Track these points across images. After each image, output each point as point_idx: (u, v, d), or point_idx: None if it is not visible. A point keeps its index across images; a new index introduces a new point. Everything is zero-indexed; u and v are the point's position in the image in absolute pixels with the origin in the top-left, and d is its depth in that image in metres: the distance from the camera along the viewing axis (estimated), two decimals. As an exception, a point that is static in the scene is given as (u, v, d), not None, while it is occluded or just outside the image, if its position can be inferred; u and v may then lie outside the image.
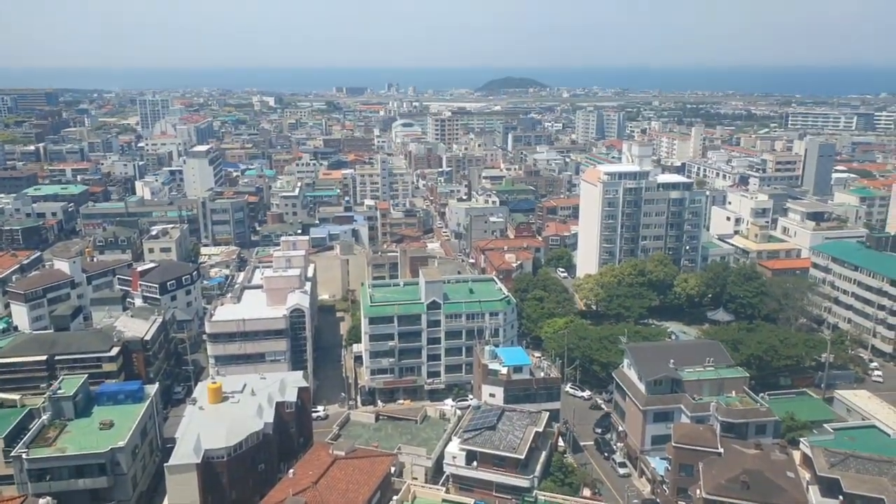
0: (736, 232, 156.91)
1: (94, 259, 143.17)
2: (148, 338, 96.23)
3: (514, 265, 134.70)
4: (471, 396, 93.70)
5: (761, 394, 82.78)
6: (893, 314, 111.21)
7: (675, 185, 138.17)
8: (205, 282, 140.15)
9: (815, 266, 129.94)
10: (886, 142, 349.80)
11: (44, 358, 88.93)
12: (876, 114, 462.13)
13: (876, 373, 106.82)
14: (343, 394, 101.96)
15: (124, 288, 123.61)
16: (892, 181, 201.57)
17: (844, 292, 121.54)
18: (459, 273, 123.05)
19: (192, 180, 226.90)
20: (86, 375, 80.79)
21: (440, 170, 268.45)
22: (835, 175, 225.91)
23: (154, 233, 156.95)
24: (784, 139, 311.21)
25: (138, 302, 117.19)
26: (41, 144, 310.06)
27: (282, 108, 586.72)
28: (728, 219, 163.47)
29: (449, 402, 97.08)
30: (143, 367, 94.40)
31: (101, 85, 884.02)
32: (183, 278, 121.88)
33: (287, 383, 78.34)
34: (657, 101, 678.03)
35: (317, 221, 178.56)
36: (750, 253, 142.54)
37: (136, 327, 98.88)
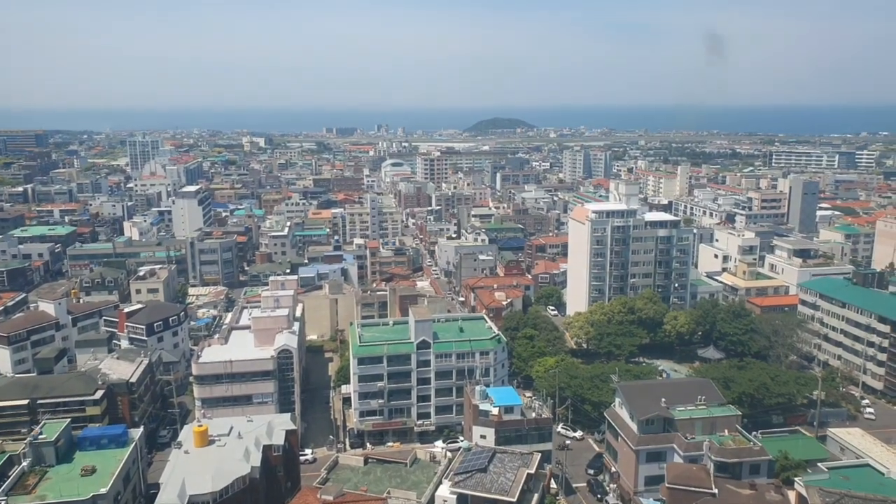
0: (724, 269, 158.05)
1: (81, 300, 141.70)
2: (133, 380, 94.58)
3: (504, 303, 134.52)
4: (461, 438, 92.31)
5: (754, 432, 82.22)
6: (883, 351, 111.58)
7: (662, 223, 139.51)
8: (192, 322, 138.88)
9: (804, 303, 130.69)
10: (868, 179, 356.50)
11: (25, 402, 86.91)
12: (857, 152, 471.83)
13: (868, 410, 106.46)
14: (331, 436, 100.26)
15: (110, 329, 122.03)
16: (875, 218, 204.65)
17: (833, 329, 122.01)
18: (449, 311, 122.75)
19: (181, 220, 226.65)
20: (68, 420, 78.98)
21: (429, 208, 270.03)
22: (819, 212, 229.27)
23: (142, 273, 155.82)
24: (768, 177, 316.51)
25: (124, 344, 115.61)
26: (30, 185, 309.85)
27: (272, 149, 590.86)
28: (716, 256, 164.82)
29: (439, 443, 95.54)
30: (128, 410, 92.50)
31: (92, 126, 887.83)
32: (170, 319, 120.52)
33: (274, 426, 77.01)
34: (643, 140, 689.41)
35: (306, 261, 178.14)
36: (738, 290, 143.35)
37: (122, 370, 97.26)
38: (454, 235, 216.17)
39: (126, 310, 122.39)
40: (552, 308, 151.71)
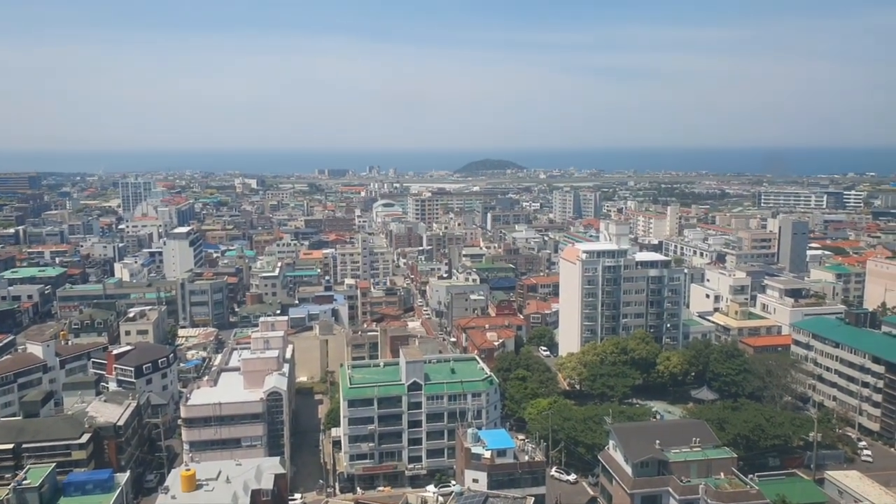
0: (716, 309, 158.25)
1: (69, 342, 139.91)
2: (121, 423, 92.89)
3: (496, 344, 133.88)
4: (453, 482, 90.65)
5: (750, 475, 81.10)
6: (878, 392, 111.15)
7: (653, 263, 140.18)
8: (182, 364, 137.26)
9: (797, 343, 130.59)
10: (857, 219, 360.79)
11: (10, 446, 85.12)
12: (845, 192, 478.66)
13: (865, 452, 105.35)
14: (321, 481, 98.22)
15: (98, 372, 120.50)
16: (865, 258, 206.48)
17: (827, 369, 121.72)
18: (441, 352, 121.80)
19: (172, 262, 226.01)
20: (53, 464, 77.44)
21: (421, 248, 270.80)
22: (809, 252, 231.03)
23: (131, 315, 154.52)
24: (758, 217, 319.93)
25: (112, 386, 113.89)
26: (21, 227, 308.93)
27: (264, 190, 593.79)
28: (707, 296, 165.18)
29: (431, 488, 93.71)
30: (115, 454, 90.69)
31: (85, 168, 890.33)
32: (159, 361, 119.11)
33: (263, 470, 75.72)
34: (632, 181, 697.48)
35: (296, 301, 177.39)
36: (731, 330, 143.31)
37: (109, 412, 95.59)
38: (445, 275, 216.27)
39: (115, 351, 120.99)
40: (544, 348, 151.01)
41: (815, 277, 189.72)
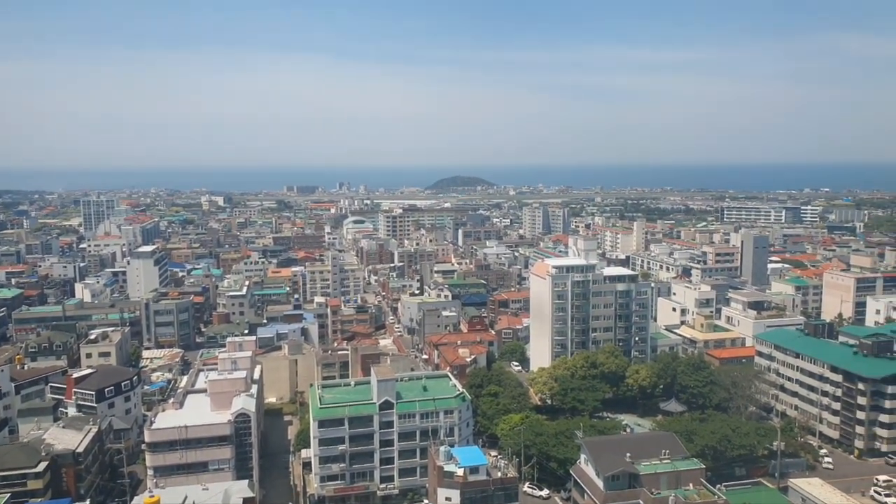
0: (682, 322, 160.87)
1: (25, 366, 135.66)
2: (80, 450, 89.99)
3: (468, 360, 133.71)
4: (426, 501, 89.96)
5: (718, 485, 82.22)
6: (837, 400, 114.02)
7: (621, 278, 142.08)
8: (146, 387, 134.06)
9: (760, 354, 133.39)
10: (814, 233, 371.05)
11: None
12: (802, 208, 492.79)
13: (826, 459, 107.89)
14: (291, 503, 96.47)
15: (57, 397, 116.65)
16: (822, 270, 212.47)
17: (789, 379, 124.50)
18: (413, 370, 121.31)
19: (136, 281, 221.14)
20: (7, 495, 74.64)
21: (392, 265, 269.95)
22: (770, 265, 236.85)
23: (93, 337, 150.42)
24: (721, 232, 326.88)
25: (72, 411, 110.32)
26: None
27: (231, 208, 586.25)
28: (674, 309, 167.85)
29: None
30: (74, 482, 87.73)
31: (44, 186, 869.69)
32: (122, 384, 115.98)
33: (231, 494, 74.24)
34: (599, 197, 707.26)
35: (265, 321, 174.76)
36: (697, 343, 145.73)
37: (68, 439, 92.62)
38: (417, 292, 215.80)
39: (75, 375, 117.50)
40: (516, 363, 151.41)
41: (775, 290, 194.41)
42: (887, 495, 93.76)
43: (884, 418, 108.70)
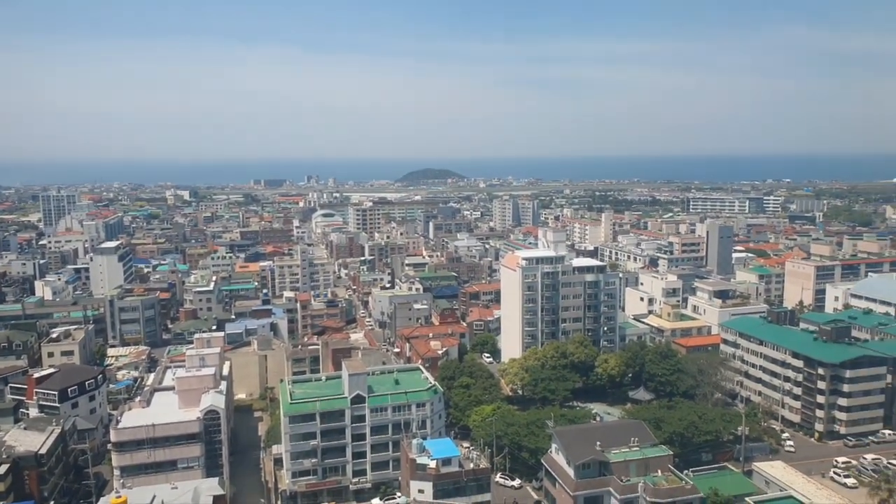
0: (650, 311, 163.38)
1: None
2: (43, 452, 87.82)
3: (440, 352, 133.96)
4: (399, 494, 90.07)
5: (685, 471, 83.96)
6: (798, 385, 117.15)
7: (589, 269, 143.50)
8: (111, 385, 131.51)
9: (725, 342, 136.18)
10: (776, 223, 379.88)
11: (-82, 482, 79.30)
12: (765, 198, 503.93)
13: (788, 443, 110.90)
14: (262, 500, 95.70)
15: (17, 397, 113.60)
16: (784, 259, 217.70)
17: (753, 366, 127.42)
18: (384, 363, 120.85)
19: (100, 278, 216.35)
20: (-33, 499, 72.53)
21: (362, 258, 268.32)
22: (735, 255, 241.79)
23: (55, 335, 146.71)
24: (687, 222, 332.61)
25: (34, 412, 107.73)
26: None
27: (197, 202, 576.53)
28: (641, 299, 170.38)
29: (376, 501, 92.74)
30: (37, 485, 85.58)
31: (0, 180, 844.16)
32: (86, 383, 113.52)
33: (201, 492, 73.28)
34: (568, 189, 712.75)
35: (233, 316, 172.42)
36: (664, 331, 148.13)
37: (30, 441, 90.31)
38: (388, 285, 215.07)
39: (36, 375, 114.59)
40: (487, 355, 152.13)
41: (740, 279, 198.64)
42: (846, 476, 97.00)
43: (842, 402, 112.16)
